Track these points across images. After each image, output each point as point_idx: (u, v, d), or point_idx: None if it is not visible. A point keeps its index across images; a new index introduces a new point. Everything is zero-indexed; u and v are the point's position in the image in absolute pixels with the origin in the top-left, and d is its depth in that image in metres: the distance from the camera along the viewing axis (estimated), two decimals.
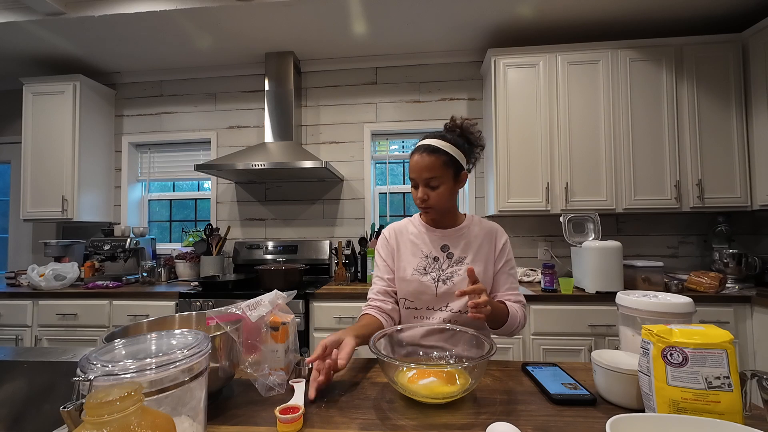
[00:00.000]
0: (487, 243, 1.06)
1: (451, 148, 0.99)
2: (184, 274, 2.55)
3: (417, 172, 0.99)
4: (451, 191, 1.02)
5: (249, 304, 0.81)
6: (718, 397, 0.57)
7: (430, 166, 0.97)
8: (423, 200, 1.00)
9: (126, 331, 0.80)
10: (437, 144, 0.99)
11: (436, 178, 0.98)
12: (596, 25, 2.32)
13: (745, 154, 2.13)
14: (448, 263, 1.04)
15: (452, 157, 0.99)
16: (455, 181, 1.02)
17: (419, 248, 1.07)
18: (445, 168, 0.99)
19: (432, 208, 1.01)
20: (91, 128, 2.71)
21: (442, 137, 1.02)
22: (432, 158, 0.97)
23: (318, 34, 2.40)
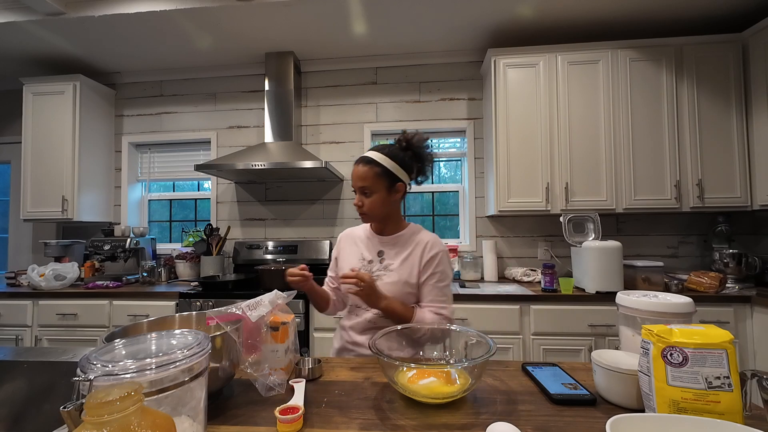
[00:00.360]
0: (417, 253, 1.12)
1: (386, 160, 1.09)
2: (184, 274, 2.55)
3: (353, 180, 1.12)
4: (384, 200, 1.11)
5: (249, 304, 0.81)
6: (718, 397, 0.57)
7: (364, 176, 1.08)
8: (358, 206, 1.12)
9: (126, 331, 0.80)
10: (373, 156, 1.10)
11: (368, 187, 1.09)
12: (596, 25, 2.32)
13: (745, 154, 2.13)
14: (379, 267, 1.14)
15: (386, 169, 1.09)
16: (389, 191, 1.11)
17: (361, 251, 1.19)
18: (378, 178, 1.08)
19: (365, 214, 1.12)
20: (91, 128, 2.71)
21: (382, 150, 1.12)
22: (366, 168, 1.08)
23: (318, 34, 2.40)
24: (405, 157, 1.12)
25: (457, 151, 2.74)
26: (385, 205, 1.11)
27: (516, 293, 1.95)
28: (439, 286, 1.11)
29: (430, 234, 1.16)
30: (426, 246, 1.12)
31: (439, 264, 1.11)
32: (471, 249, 2.59)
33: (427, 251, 1.11)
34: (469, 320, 1.95)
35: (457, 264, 2.47)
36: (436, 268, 1.11)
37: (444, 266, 1.12)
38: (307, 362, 0.90)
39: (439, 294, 1.11)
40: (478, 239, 2.60)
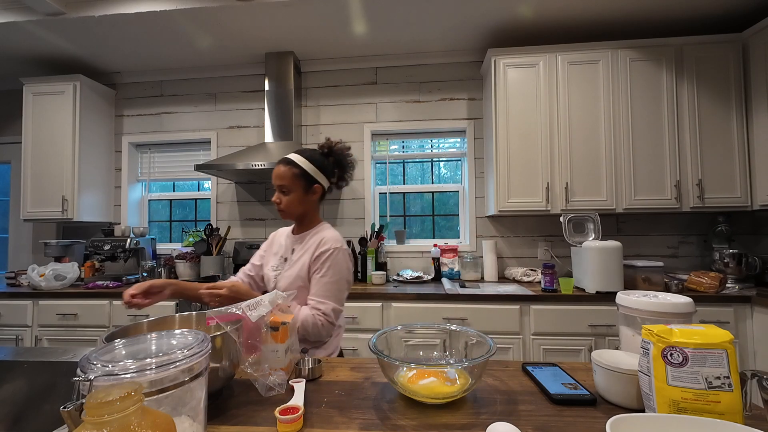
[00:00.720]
0: (311, 249, 1.17)
1: (305, 163, 1.16)
2: (185, 274, 2.55)
3: (273, 178, 1.17)
4: (301, 200, 1.17)
5: (249, 304, 0.81)
6: (718, 397, 0.57)
7: (282, 175, 1.14)
8: (276, 203, 1.18)
9: (126, 331, 0.80)
10: (293, 157, 1.16)
11: (285, 186, 1.15)
12: (596, 25, 2.32)
13: (745, 154, 2.13)
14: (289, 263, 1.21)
15: (305, 171, 1.15)
16: (306, 191, 1.17)
17: (282, 248, 1.25)
18: (295, 179, 1.15)
19: (283, 211, 1.18)
20: (91, 128, 2.71)
21: (303, 153, 1.18)
22: (285, 169, 1.15)
23: (318, 34, 2.40)
24: (325, 162, 1.21)
25: (457, 151, 2.74)
26: (301, 204, 1.17)
27: (516, 293, 1.95)
28: (322, 281, 1.12)
29: (331, 232, 1.20)
30: (320, 242, 1.16)
31: (327, 260, 1.13)
32: (471, 249, 2.59)
33: (319, 247, 1.15)
34: (469, 320, 1.95)
35: (457, 264, 2.47)
36: (323, 264, 1.13)
37: (332, 263, 1.13)
38: (307, 362, 0.90)
39: (321, 289, 1.12)
40: (478, 239, 2.60)
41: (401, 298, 2.00)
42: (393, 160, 2.81)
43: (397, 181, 2.82)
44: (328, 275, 1.13)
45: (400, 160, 2.82)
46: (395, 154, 2.80)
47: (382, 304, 2.01)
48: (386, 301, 2.02)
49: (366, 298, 2.02)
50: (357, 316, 2.01)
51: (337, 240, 1.17)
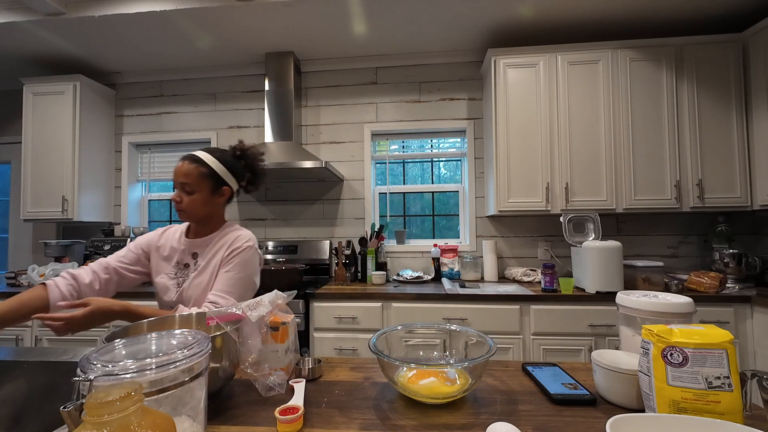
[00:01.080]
0: (223, 249, 1.11)
1: (215, 163, 1.10)
2: None
3: (175, 175, 1.09)
4: (206, 201, 1.10)
5: (249, 304, 0.81)
6: (718, 397, 0.57)
7: (188, 173, 1.07)
8: (176, 202, 1.09)
9: (126, 331, 0.80)
10: (201, 156, 1.10)
11: (190, 185, 1.07)
12: (596, 25, 2.32)
13: (745, 154, 2.13)
14: (194, 269, 1.12)
15: (213, 171, 1.09)
16: (213, 193, 1.11)
17: (176, 253, 1.15)
18: (203, 178, 1.08)
19: (183, 211, 1.09)
20: (91, 128, 2.71)
21: (213, 152, 1.12)
22: (192, 167, 1.07)
23: (318, 34, 2.40)
24: (237, 165, 1.15)
25: (457, 151, 2.74)
26: (206, 205, 1.11)
27: (516, 293, 1.95)
28: (227, 275, 1.07)
29: (245, 231, 1.16)
30: (234, 240, 1.12)
31: (237, 257, 1.09)
32: (471, 249, 2.59)
33: (232, 244, 1.11)
34: (469, 320, 1.95)
35: (457, 264, 2.47)
36: (233, 259, 1.09)
37: (242, 260, 1.10)
38: (307, 362, 0.90)
39: (225, 284, 1.06)
40: (478, 239, 2.60)
41: (401, 298, 2.00)
42: (393, 160, 2.81)
43: (397, 181, 2.82)
44: (235, 270, 1.08)
45: (400, 160, 2.82)
46: (395, 154, 2.80)
47: (382, 304, 2.01)
48: (386, 301, 2.02)
49: (366, 298, 2.02)
50: (357, 316, 2.01)
51: (252, 239, 1.14)
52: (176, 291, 1.10)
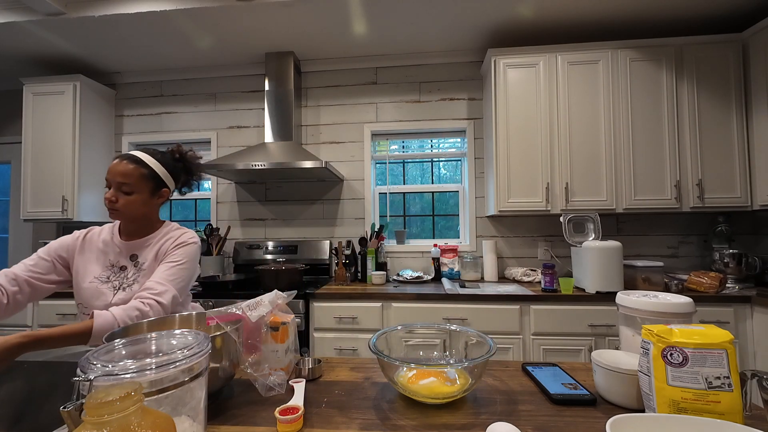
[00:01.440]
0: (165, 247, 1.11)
1: (156, 165, 1.11)
2: None
3: (113, 174, 1.05)
4: (145, 202, 1.10)
5: (249, 304, 0.81)
6: (718, 397, 0.57)
7: (127, 174, 1.05)
8: (111, 202, 1.05)
9: (126, 331, 0.80)
10: (142, 156, 1.09)
11: (130, 185, 1.05)
12: (596, 25, 2.32)
13: (745, 154, 2.13)
14: (134, 271, 1.09)
15: (154, 172, 1.10)
16: (152, 194, 1.11)
17: (108, 256, 1.11)
18: (143, 180, 1.08)
19: (119, 211, 1.06)
20: (91, 128, 2.71)
21: (153, 154, 1.12)
22: (132, 167, 1.06)
23: (318, 34, 2.40)
24: (176, 167, 1.17)
25: (457, 151, 2.74)
26: (144, 206, 1.10)
27: (516, 293, 1.95)
28: (168, 265, 1.06)
29: (188, 230, 1.16)
30: (179, 237, 1.12)
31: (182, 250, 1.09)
32: (471, 249, 2.59)
33: (177, 240, 1.11)
34: (469, 320, 1.95)
35: (457, 264, 2.47)
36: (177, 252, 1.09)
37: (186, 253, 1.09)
38: (307, 362, 0.90)
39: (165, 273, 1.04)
40: (478, 239, 2.60)
41: (401, 298, 2.00)
42: (393, 160, 2.81)
43: (397, 181, 2.82)
44: (179, 261, 1.07)
45: (400, 160, 2.82)
46: (395, 154, 2.80)
47: (382, 304, 2.01)
48: (386, 301, 2.02)
49: (366, 298, 2.02)
50: (357, 316, 2.01)
51: (197, 237, 1.16)
52: (113, 294, 1.06)
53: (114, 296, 1.06)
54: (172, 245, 1.11)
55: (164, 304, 0.99)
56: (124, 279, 1.08)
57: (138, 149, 1.12)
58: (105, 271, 1.09)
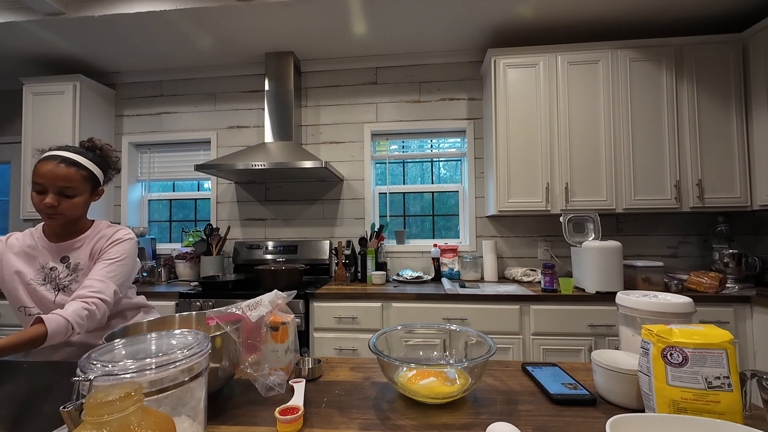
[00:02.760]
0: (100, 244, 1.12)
1: (92, 165, 1.11)
2: (184, 274, 2.55)
3: (51, 179, 1.02)
4: (86, 203, 1.11)
5: (249, 304, 0.81)
6: (718, 397, 0.57)
7: (69, 177, 1.03)
8: (53, 207, 1.02)
9: (126, 331, 0.80)
10: (77, 158, 1.07)
11: (74, 188, 1.05)
12: (596, 25, 2.32)
13: (745, 154, 2.13)
14: (66, 273, 1.09)
15: (92, 173, 1.10)
16: (91, 194, 1.12)
17: (37, 258, 1.10)
18: (84, 182, 1.08)
19: (62, 215, 1.05)
20: (91, 128, 2.71)
21: (83, 153, 1.10)
22: (71, 170, 1.04)
23: (318, 34, 2.40)
24: (103, 165, 1.16)
25: (457, 151, 2.74)
26: (85, 208, 1.11)
27: (516, 293, 1.95)
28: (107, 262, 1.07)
29: (122, 227, 1.17)
30: (113, 234, 1.13)
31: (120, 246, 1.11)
32: (471, 249, 2.59)
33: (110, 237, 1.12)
34: (469, 320, 1.95)
35: (457, 264, 2.47)
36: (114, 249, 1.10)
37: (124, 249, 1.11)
38: (307, 362, 0.90)
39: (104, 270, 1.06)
40: (478, 239, 2.60)
41: (401, 298, 2.00)
42: (393, 160, 2.81)
43: (397, 181, 2.82)
44: (116, 258, 1.09)
45: (400, 160, 2.82)
46: (395, 154, 2.80)
47: (382, 304, 2.01)
48: (386, 301, 2.02)
49: (366, 298, 2.02)
50: (357, 316, 2.01)
51: (132, 233, 1.17)
52: (54, 294, 1.07)
53: (56, 296, 1.07)
54: (106, 243, 1.12)
55: (107, 301, 1.02)
56: (58, 280, 1.09)
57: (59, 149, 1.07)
58: (38, 274, 1.09)
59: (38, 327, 0.91)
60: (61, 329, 0.92)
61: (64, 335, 0.94)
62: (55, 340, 0.92)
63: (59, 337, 0.93)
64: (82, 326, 0.97)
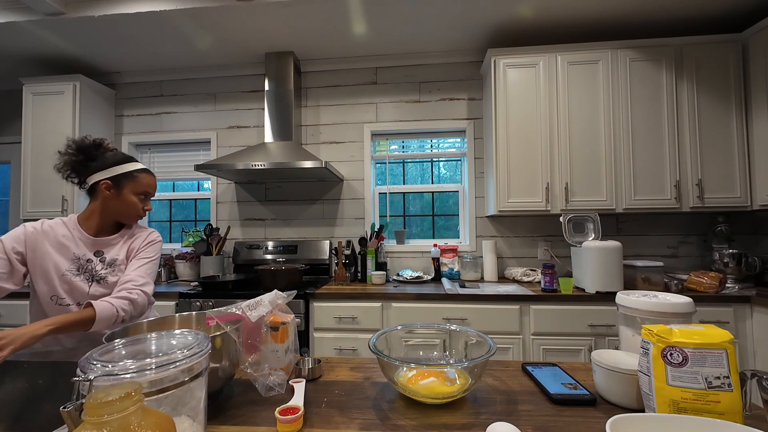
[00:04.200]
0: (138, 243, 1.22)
1: None
2: (184, 274, 2.55)
3: (154, 189, 1.24)
4: None
5: (249, 304, 0.81)
6: (718, 397, 0.57)
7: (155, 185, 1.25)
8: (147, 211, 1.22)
9: (126, 331, 0.80)
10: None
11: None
12: (596, 25, 2.32)
13: (745, 154, 2.13)
14: (102, 266, 1.15)
15: None
16: None
17: (70, 250, 1.13)
18: None
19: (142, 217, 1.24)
20: (91, 128, 2.71)
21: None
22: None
23: (318, 34, 2.40)
24: None
25: (457, 151, 2.74)
26: None
27: (516, 293, 1.95)
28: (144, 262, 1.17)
29: (148, 228, 1.29)
30: (148, 235, 1.24)
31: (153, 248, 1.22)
32: (471, 249, 2.59)
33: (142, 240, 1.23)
34: (469, 320, 1.95)
35: (457, 264, 2.47)
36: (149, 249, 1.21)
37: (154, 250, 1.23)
38: (307, 362, 0.90)
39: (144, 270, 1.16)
40: (478, 239, 2.60)
41: (401, 298, 2.00)
42: (393, 160, 2.81)
43: (397, 181, 2.82)
44: (149, 258, 1.19)
45: (400, 160, 2.82)
46: (395, 154, 2.80)
47: (382, 304, 2.01)
48: (386, 301, 2.02)
49: (366, 298, 2.02)
50: (357, 316, 2.01)
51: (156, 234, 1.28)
52: (89, 286, 1.11)
53: (90, 287, 1.12)
54: (142, 243, 1.21)
55: (148, 294, 1.11)
56: (94, 272, 1.13)
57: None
58: (73, 264, 1.12)
59: (88, 310, 0.98)
60: (108, 314, 0.99)
61: (110, 321, 1.00)
62: (101, 325, 0.99)
63: (106, 323, 0.99)
64: (127, 315, 1.04)
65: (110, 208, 1.16)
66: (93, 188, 1.17)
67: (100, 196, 1.16)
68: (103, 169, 1.16)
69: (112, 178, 1.15)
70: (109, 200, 1.15)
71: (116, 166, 1.16)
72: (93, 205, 1.17)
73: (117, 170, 1.16)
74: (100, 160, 1.17)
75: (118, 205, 1.16)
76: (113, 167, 1.16)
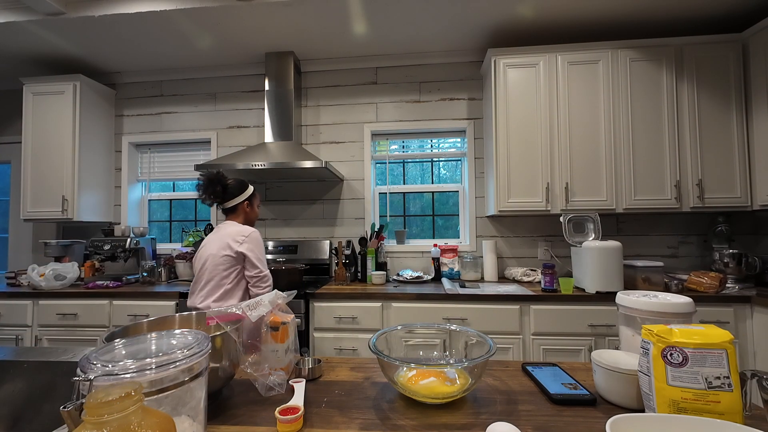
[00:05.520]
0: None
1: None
2: (184, 274, 2.55)
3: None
4: None
5: (249, 304, 0.81)
6: (718, 397, 0.57)
7: None
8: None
9: (126, 331, 0.80)
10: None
11: None
12: (596, 25, 2.32)
13: (745, 154, 2.13)
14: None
15: None
16: None
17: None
18: None
19: None
20: (91, 128, 2.71)
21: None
22: None
23: (318, 34, 2.40)
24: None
25: (457, 151, 2.74)
26: None
27: (516, 293, 1.95)
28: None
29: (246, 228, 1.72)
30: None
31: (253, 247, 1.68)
32: (471, 249, 2.59)
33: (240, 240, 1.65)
34: (469, 320, 1.95)
35: (457, 264, 2.47)
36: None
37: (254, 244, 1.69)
38: (307, 362, 0.90)
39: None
40: (478, 239, 2.60)
41: (401, 298, 2.00)
42: (393, 160, 2.81)
43: (397, 181, 2.82)
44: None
45: (400, 160, 2.82)
46: (395, 154, 2.80)
47: (382, 304, 2.01)
48: (386, 301, 2.02)
49: (366, 298, 2.02)
50: (357, 316, 2.01)
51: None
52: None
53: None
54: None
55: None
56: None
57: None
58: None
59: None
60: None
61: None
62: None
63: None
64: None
65: (249, 217, 1.76)
66: (235, 207, 1.70)
67: (241, 211, 1.72)
68: (240, 194, 1.70)
69: (248, 198, 1.73)
70: (249, 213, 1.75)
71: (246, 190, 1.72)
72: (233, 217, 1.72)
73: (248, 193, 1.73)
74: (233, 188, 1.68)
75: (252, 215, 1.77)
76: (246, 191, 1.72)
